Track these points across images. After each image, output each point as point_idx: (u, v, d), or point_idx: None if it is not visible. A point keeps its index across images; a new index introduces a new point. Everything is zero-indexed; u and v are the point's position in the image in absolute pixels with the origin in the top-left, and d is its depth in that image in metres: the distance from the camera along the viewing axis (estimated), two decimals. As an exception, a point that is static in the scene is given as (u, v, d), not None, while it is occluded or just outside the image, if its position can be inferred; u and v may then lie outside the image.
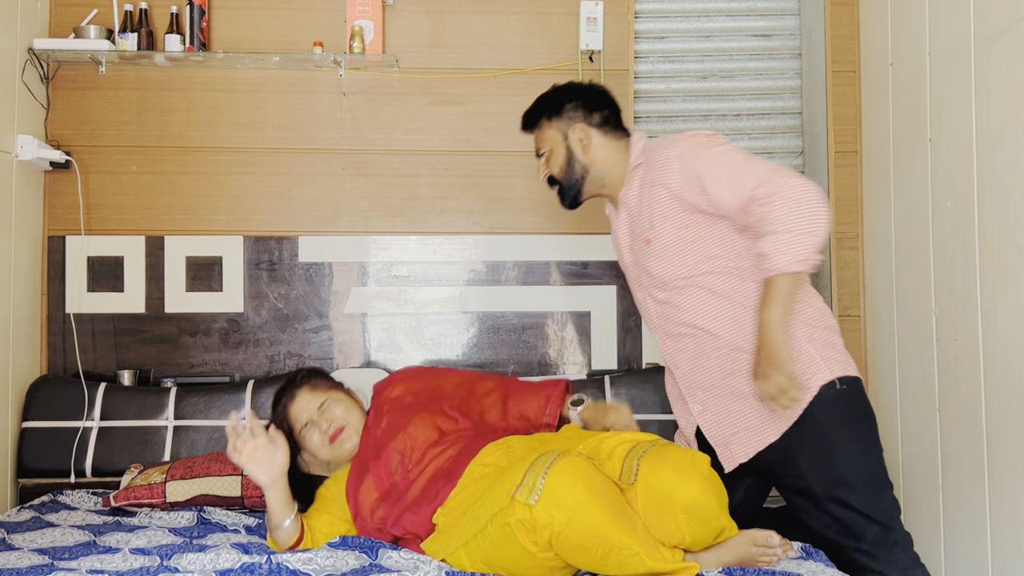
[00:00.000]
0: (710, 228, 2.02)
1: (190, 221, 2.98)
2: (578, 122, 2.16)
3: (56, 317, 2.90)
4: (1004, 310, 2.19)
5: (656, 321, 2.15)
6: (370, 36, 2.95)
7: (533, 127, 2.24)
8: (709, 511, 1.76)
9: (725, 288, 2.02)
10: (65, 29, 2.94)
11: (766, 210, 1.87)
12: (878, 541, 1.96)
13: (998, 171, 2.21)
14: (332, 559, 1.85)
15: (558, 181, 2.20)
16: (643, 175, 2.10)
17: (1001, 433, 2.21)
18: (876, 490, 1.98)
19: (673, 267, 2.05)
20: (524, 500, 1.65)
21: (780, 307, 1.89)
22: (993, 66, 2.22)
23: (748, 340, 1.99)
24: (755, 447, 2.04)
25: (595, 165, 2.16)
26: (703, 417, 2.11)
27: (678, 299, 2.06)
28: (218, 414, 2.75)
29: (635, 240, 2.13)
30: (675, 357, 2.13)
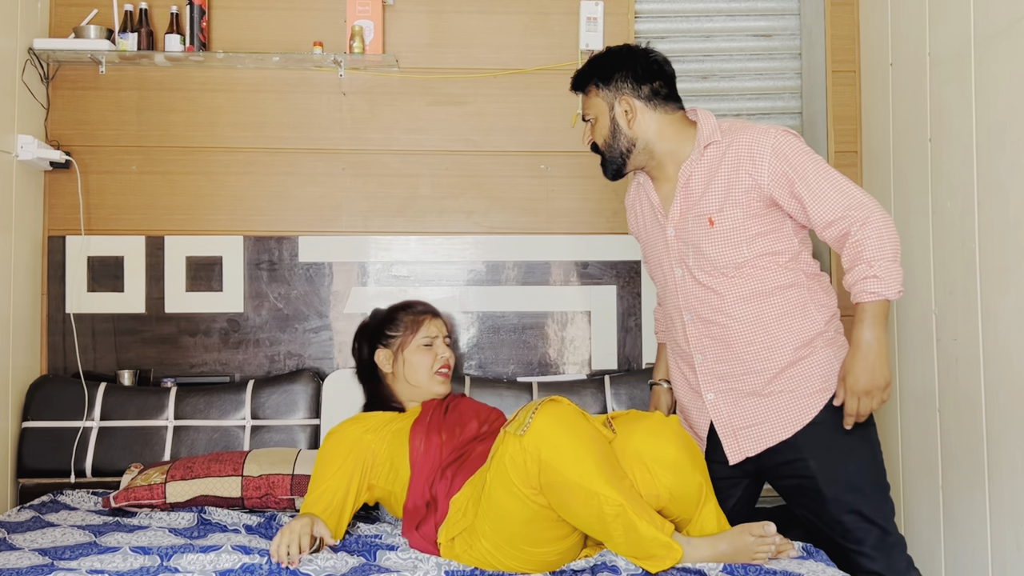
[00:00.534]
0: (779, 224, 2.04)
1: (190, 221, 2.98)
2: (625, 94, 2.10)
3: (56, 317, 2.90)
4: (1004, 310, 2.19)
5: (692, 302, 2.11)
6: (370, 36, 2.95)
7: (582, 90, 2.18)
8: (685, 466, 1.85)
9: (772, 286, 2.03)
10: (65, 29, 2.94)
11: (863, 236, 1.92)
12: (878, 545, 1.97)
13: (998, 171, 2.21)
14: (332, 560, 1.85)
15: (601, 151, 2.16)
16: (721, 155, 2.04)
17: (1001, 433, 2.21)
18: (880, 495, 2.01)
19: (731, 253, 2.03)
20: (514, 432, 1.75)
21: (881, 329, 1.93)
22: (993, 66, 2.22)
23: (780, 343, 2.03)
24: (765, 443, 2.05)
25: (642, 138, 2.10)
26: (715, 406, 2.10)
27: (724, 287, 2.05)
28: (218, 414, 2.75)
29: (690, 217, 2.07)
30: (701, 342, 2.11)
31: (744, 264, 2.03)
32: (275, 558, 1.82)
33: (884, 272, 1.90)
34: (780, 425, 2.04)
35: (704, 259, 2.06)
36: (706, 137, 2.06)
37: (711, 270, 2.06)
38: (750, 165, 2.00)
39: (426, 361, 2.27)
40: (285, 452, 2.54)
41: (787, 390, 2.03)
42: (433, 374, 2.27)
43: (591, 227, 3.05)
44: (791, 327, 2.03)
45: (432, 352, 2.28)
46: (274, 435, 2.75)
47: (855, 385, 1.93)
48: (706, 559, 1.81)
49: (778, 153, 1.99)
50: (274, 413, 2.77)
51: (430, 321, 2.32)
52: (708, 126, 2.08)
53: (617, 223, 3.06)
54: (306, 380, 2.82)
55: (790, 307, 2.03)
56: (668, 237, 2.12)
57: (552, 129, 3.06)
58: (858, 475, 1.99)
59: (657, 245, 2.18)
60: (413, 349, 2.27)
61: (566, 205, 3.06)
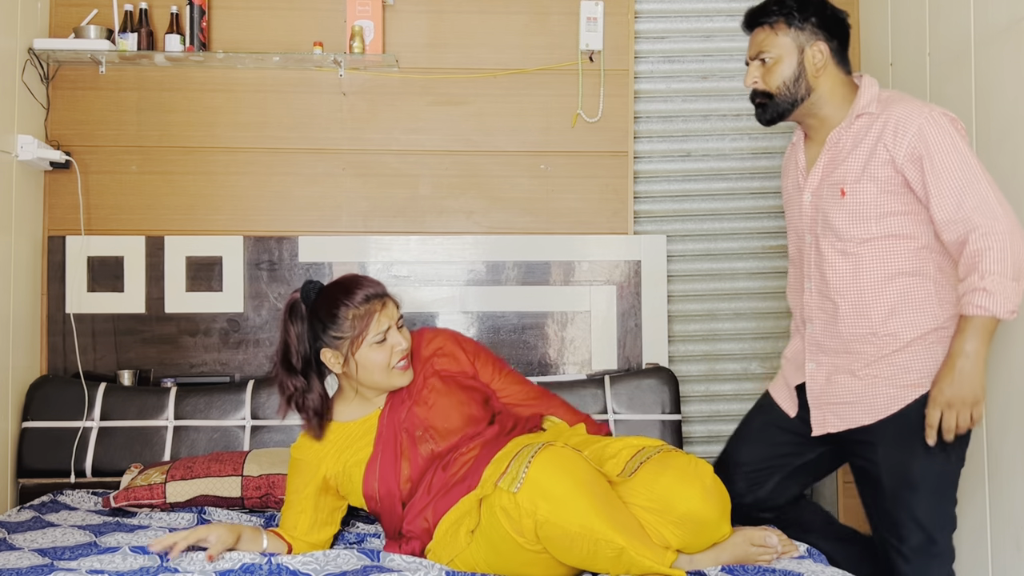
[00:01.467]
0: (915, 207, 1.93)
1: (190, 221, 2.98)
2: (820, 40, 2.00)
3: (56, 317, 2.90)
4: (1004, 310, 2.19)
5: (813, 271, 2.06)
6: (370, 36, 2.95)
7: (764, 24, 2.03)
8: (709, 521, 1.76)
9: (894, 271, 1.94)
10: (65, 29, 2.94)
11: (984, 247, 1.81)
12: (919, 549, 1.93)
13: (998, 171, 2.21)
14: (333, 559, 1.85)
15: (769, 95, 2.04)
16: (869, 126, 1.96)
17: (1001, 433, 2.21)
18: (938, 504, 1.94)
19: (858, 228, 1.95)
20: (507, 488, 1.66)
21: (982, 343, 1.82)
22: (993, 66, 2.22)
23: (888, 332, 1.94)
24: (849, 423, 2.01)
25: (819, 91, 2.02)
26: (813, 377, 2.07)
27: (844, 264, 1.98)
28: (218, 414, 2.75)
29: (826, 185, 2.01)
30: (814, 312, 2.06)
31: (870, 241, 1.94)
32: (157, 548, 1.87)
33: (996, 287, 1.79)
34: (866, 409, 1.98)
35: (830, 230, 1.99)
36: (862, 106, 1.98)
37: (836, 242, 1.98)
38: (892, 139, 1.91)
39: (382, 359, 2.00)
40: (285, 452, 2.54)
41: (883, 376, 1.96)
42: (391, 370, 2.02)
43: (591, 227, 3.05)
44: (904, 319, 1.94)
45: (387, 347, 2.00)
46: (274, 435, 2.74)
47: (939, 395, 1.85)
48: (709, 566, 1.80)
49: (921, 133, 1.88)
50: (274, 413, 2.77)
51: (380, 313, 2.01)
52: (868, 95, 1.99)
53: (617, 223, 3.06)
54: (306, 380, 2.82)
55: (908, 297, 1.94)
56: (804, 202, 2.07)
57: (552, 129, 3.06)
58: (920, 475, 1.92)
59: (794, 207, 2.13)
60: (365, 350, 2.00)
61: (566, 205, 3.06)
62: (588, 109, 3.06)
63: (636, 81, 3.13)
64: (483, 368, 2.20)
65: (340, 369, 2.03)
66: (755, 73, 2.05)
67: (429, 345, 2.16)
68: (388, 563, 1.84)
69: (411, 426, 2.03)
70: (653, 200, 3.14)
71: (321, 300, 2.03)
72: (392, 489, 1.97)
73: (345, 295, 2.00)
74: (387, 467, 1.99)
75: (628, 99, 3.07)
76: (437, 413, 2.03)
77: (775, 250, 3.12)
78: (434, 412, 2.04)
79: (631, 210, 3.07)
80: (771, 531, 1.91)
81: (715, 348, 3.13)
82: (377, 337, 1.99)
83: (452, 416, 2.03)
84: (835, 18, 2.04)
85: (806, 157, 2.10)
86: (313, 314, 2.03)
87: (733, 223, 3.13)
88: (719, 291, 3.13)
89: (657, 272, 3.02)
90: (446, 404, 2.05)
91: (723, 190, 3.14)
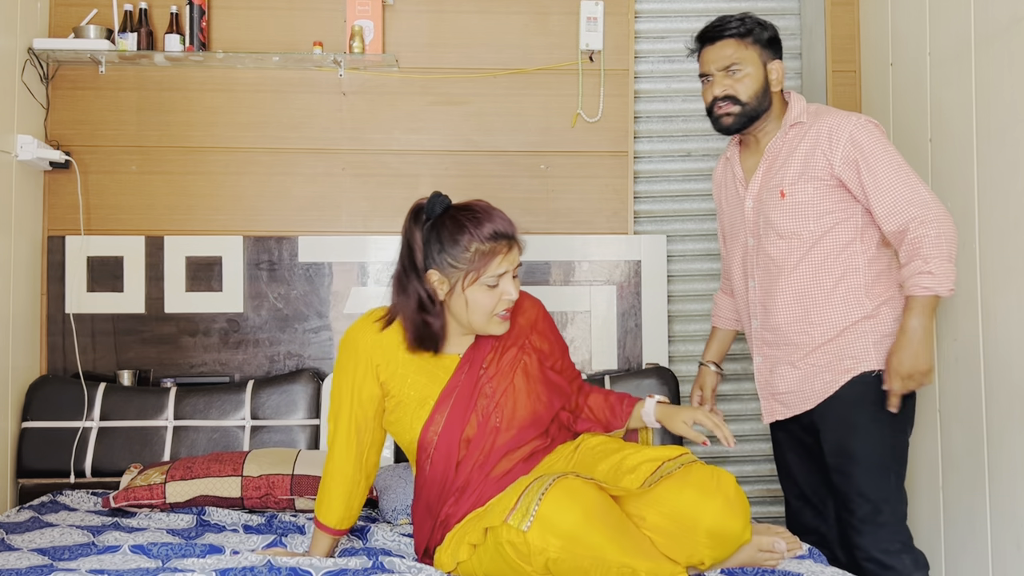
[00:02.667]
0: (849, 206, 2.10)
1: (190, 221, 2.98)
2: (777, 59, 2.19)
3: (56, 317, 2.90)
4: (1004, 310, 2.19)
5: (756, 271, 2.22)
6: (370, 36, 2.95)
7: (733, 37, 2.16)
8: (732, 533, 1.73)
9: (828, 266, 2.11)
10: (65, 29, 2.94)
11: (922, 234, 1.99)
12: (866, 519, 2.06)
13: (998, 171, 2.21)
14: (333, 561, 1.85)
15: (740, 102, 2.15)
16: (802, 135, 2.14)
17: (1001, 433, 2.21)
18: (878, 472, 2.08)
19: (796, 225, 2.12)
20: (517, 525, 1.60)
21: (928, 319, 2.01)
22: (993, 66, 2.22)
23: (821, 323, 2.12)
24: (792, 411, 2.19)
25: (772, 105, 2.19)
26: (760, 370, 2.25)
27: (784, 258, 2.14)
28: (218, 414, 2.75)
29: (767, 189, 2.18)
30: (756, 308, 2.23)
31: (807, 238, 2.11)
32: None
33: (939, 270, 1.97)
34: (807, 396, 2.16)
35: (772, 230, 2.15)
36: (793, 117, 2.16)
37: (776, 240, 2.15)
38: (827, 146, 2.09)
39: (488, 303, 1.86)
40: (285, 452, 2.53)
41: (820, 364, 2.13)
42: (493, 316, 1.87)
43: (591, 227, 3.05)
44: (837, 310, 2.11)
45: (496, 293, 1.86)
46: (274, 435, 2.74)
47: (899, 368, 2.02)
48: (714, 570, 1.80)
49: (854, 140, 2.06)
50: (274, 413, 2.77)
51: (504, 255, 1.85)
52: (798, 107, 2.17)
53: (617, 223, 3.06)
54: (306, 380, 2.82)
55: (840, 288, 2.11)
56: (746, 209, 2.23)
57: (552, 129, 3.06)
58: (860, 450, 2.08)
59: (735, 216, 2.29)
60: (476, 288, 1.84)
61: (566, 205, 3.06)
62: (588, 109, 3.06)
63: (636, 81, 3.13)
64: (565, 358, 2.11)
65: (442, 296, 1.87)
66: (725, 83, 2.16)
67: (526, 313, 2.03)
68: (389, 563, 1.83)
69: (492, 391, 1.91)
70: (653, 200, 3.14)
71: (446, 219, 1.86)
72: (452, 446, 1.86)
73: (474, 224, 1.84)
74: (454, 420, 1.87)
75: (628, 99, 3.07)
76: (513, 398, 1.92)
77: (775, 250, 3.12)
78: (510, 395, 1.92)
79: (631, 210, 3.07)
80: (781, 535, 1.91)
81: (715, 348, 3.12)
82: (491, 280, 1.84)
83: (522, 406, 1.92)
84: (779, 41, 2.22)
85: (743, 168, 2.27)
86: (433, 231, 1.86)
87: (733, 223, 3.13)
88: (719, 291, 3.13)
89: (657, 272, 3.02)
90: (525, 392, 1.94)
91: (723, 190, 3.14)
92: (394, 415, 1.92)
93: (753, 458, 3.12)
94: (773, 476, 3.08)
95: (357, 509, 1.95)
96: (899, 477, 2.10)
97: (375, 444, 1.95)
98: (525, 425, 1.91)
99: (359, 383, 1.91)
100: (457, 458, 1.87)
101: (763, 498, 3.09)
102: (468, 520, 1.83)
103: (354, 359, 1.92)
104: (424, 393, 1.89)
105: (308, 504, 2.40)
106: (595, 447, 1.96)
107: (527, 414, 1.92)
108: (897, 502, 2.08)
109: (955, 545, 2.43)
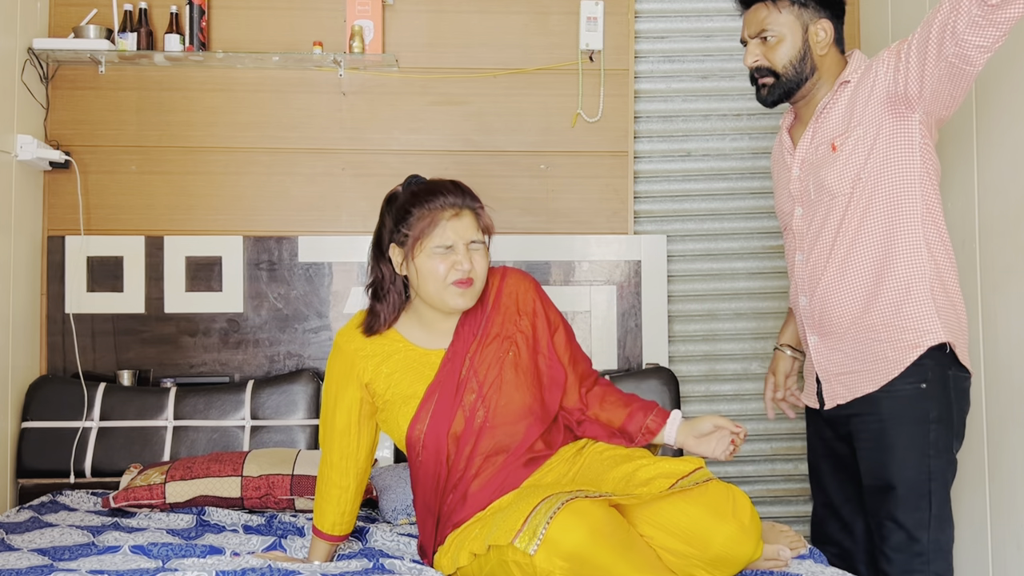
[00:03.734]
0: (904, 142, 1.88)
1: (190, 221, 2.98)
2: (824, 18, 1.97)
3: (56, 317, 2.89)
4: (1004, 310, 2.19)
5: (804, 243, 2.02)
6: (370, 36, 2.95)
7: (766, 1, 1.98)
8: (742, 558, 1.68)
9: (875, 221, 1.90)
10: (65, 29, 2.94)
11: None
12: (899, 548, 1.91)
13: (998, 170, 2.21)
14: (333, 564, 1.85)
15: (775, 73, 1.99)
16: (852, 89, 1.95)
17: (1001, 433, 2.21)
18: (915, 498, 1.90)
19: (847, 177, 1.90)
20: (524, 548, 1.56)
21: None
22: (993, 66, 2.22)
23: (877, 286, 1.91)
24: (854, 392, 1.96)
25: (820, 70, 1.99)
26: (817, 349, 2.03)
27: (836, 218, 1.93)
28: (218, 414, 2.75)
29: (814, 149, 1.99)
30: (806, 284, 2.03)
31: (862, 196, 1.90)
32: None
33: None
34: (870, 376, 1.93)
35: (824, 190, 1.95)
36: (847, 74, 1.97)
37: (829, 201, 1.94)
38: (870, 76, 1.90)
39: (439, 270, 1.81)
40: (285, 452, 2.53)
41: (880, 340, 1.91)
42: (447, 285, 1.82)
43: (591, 227, 3.05)
44: (894, 272, 1.89)
45: (449, 261, 1.81)
46: (274, 435, 2.74)
47: None
48: None
49: (890, 49, 1.90)
50: (274, 413, 2.77)
51: (448, 221, 1.81)
52: (854, 64, 1.98)
53: (617, 223, 3.06)
54: (306, 380, 2.82)
55: (896, 258, 1.88)
56: (792, 177, 2.04)
57: (552, 129, 3.06)
58: (897, 473, 1.90)
59: (783, 191, 2.10)
60: (425, 256, 1.81)
61: (566, 205, 3.06)
62: (588, 109, 3.06)
63: (636, 81, 3.12)
64: (560, 340, 1.99)
65: (400, 269, 1.88)
66: (756, 52, 2.00)
67: (511, 291, 1.96)
68: (389, 566, 1.83)
69: (479, 385, 1.87)
70: (653, 200, 3.14)
71: (405, 194, 1.88)
72: (440, 443, 1.84)
73: (424, 195, 1.84)
74: (440, 416, 1.84)
75: (628, 99, 3.07)
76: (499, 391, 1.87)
77: (775, 250, 3.12)
78: (497, 388, 1.87)
79: (631, 210, 3.07)
80: (784, 534, 1.91)
81: (715, 348, 3.13)
82: (439, 249, 1.81)
83: (510, 400, 1.87)
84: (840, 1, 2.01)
85: (791, 138, 2.09)
86: (391, 206, 1.90)
87: (733, 223, 3.13)
88: (719, 291, 3.13)
89: (657, 272, 3.02)
90: (514, 384, 1.88)
91: (723, 190, 3.14)
92: (384, 414, 1.91)
93: (753, 458, 3.12)
94: (774, 476, 3.09)
95: (350, 514, 1.93)
96: (941, 502, 1.89)
97: (363, 448, 1.92)
98: (515, 420, 1.86)
99: (342, 388, 1.91)
100: (446, 454, 1.85)
101: (764, 498, 3.09)
102: (469, 524, 1.81)
103: (338, 363, 1.93)
104: (410, 391, 1.88)
105: (308, 504, 2.40)
106: (603, 452, 1.89)
107: (517, 408, 1.87)
108: (937, 530, 1.89)
109: (955, 545, 2.43)
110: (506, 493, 1.83)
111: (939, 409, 1.89)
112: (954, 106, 1.88)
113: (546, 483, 1.84)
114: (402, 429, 1.87)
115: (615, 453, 1.88)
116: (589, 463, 1.88)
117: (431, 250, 1.81)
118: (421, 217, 1.81)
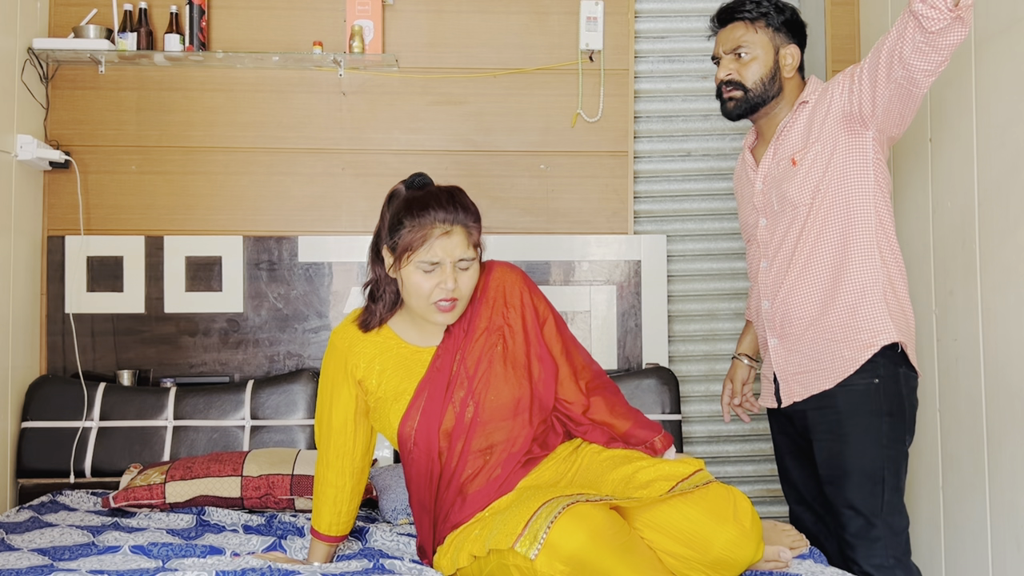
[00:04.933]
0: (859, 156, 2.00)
1: (190, 221, 2.98)
2: (793, 44, 2.11)
3: (55, 317, 2.89)
4: (1004, 310, 2.19)
5: (768, 251, 2.14)
6: (370, 36, 2.95)
7: (744, 20, 2.11)
8: (742, 560, 1.68)
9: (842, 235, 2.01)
10: (65, 29, 2.94)
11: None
12: (858, 533, 2.01)
13: (998, 171, 2.21)
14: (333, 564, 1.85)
15: (744, 87, 2.11)
16: (810, 109, 2.08)
17: (1001, 433, 2.21)
18: (870, 485, 2.00)
19: (811, 191, 2.02)
20: (524, 552, 1.56)
21: None
22: (993, 66, 2.22)
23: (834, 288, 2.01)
24: (809, 390, 2.07)
25: (783, 92, 2.12)
26: (776, 351, 2.14)
27: (797, 227, 2.05)
28: (218, 414, 2.75)
29: (776, 164, 2.11)
30: (769, 288, 2.14)
31: (821, 205, 2.02)
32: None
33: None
34: (826, 374, 2.03)
35: (786, 202, 2.07)
36: (805, 95, 2.10)
37: (791, 211, 2.07)
38: (827, 97, 2.03)
39: (424, 287, 1.79)
40: (285, 452, 2.53)
41: (836, 340, 2.02)
42: (430, 304, 1.81)
43: (591, 227, 3.05)
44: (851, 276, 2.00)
45: (434, 279, 1.79)
46: (274, 435, 2.74)
47: None
48: None
49: (843, 72, 2.03)
50: (274, 413, 2.77)
51: (437, 239, 1.78)
52: (811, 87, 2.11)
53: (617, 223, 3.06)
54: (306, 380, 2.82)
55: (851, 261, 2.00)
56: (756, 191, 2.17)
57: (552, 129, 3.06)
58: (852, 462, 2.00)
59: (747, 204, 2.23)
60: (411, 269, 1.80)
61: (566, 205, 3.06)
62: (588, 109, 3.06)
63: (636, 81, 3.13)
64: (549, 331, 1.98)
65: (390, 272, 1.86)
66: (730, 66, 2.12)
67: (499, 284, 1.96)
68: (389, 566, 1.83)
69: (468, 381, 1.87)
70: (653, 200, 3.14)
71: (401, 201, 1.84)
72: (431, 440, 1.83)
73: (418, 207, 1.80)
74: (430, 413, 1.84)
75: (628, 99, 3.07)
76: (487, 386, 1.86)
77: (775, 250, 3.12)
78: (485, 383, 1.86)
79: (631, 210, 3.07)
80: (786, 533, 1.91)
81: (715, 348, 3.13)
82: (425, 265, 1.78)
83: (498, 394, 1.85)
84: (801, 24, 2.15)
85: (754, 156, 2.22)
86: (389, 206, 1.87)
87: (733, 223, 3.13)
88: (719, 291, 3.13)
89: (657, 272, 3.02)
90: (503, 378, 1.87)
91: (723, 190, 3.14)
92: (376, 412, 1.90)
93: (753, 458, 3.12)
94: (774, 476, 3.09)
95: (347, 514, 1.92)
96: (895, 490, 2.00)
97: (359, 446, 1.92)
98: (506, 415, 1.85)
99: (337, 386, 1.91)
100: (438, 451, 1.84)
101: (764, 498, 3.10)
102: (469, 525, 1.81)
103: (332, 361, 1.93)
104: (400, 387, 1.87)
105: (308, 504, 2.40)
106: (600, 452, 1.90)
107: (506, 402, 1.85)
108: (892, 515, 1.99)
109: (955, 545, 2.43)
110: (504, 494, 1.83)
111: (891, 404, 2.00)
112: (904, 125, 2.00)
113: (543, 483, 1.84)
114: (393, 426, 1.87)
115: (613, 454, 1.88)
116: (587, 464, 1.88)
117: (417, 264, 1.79)
118: (412, 229, 1.78)
